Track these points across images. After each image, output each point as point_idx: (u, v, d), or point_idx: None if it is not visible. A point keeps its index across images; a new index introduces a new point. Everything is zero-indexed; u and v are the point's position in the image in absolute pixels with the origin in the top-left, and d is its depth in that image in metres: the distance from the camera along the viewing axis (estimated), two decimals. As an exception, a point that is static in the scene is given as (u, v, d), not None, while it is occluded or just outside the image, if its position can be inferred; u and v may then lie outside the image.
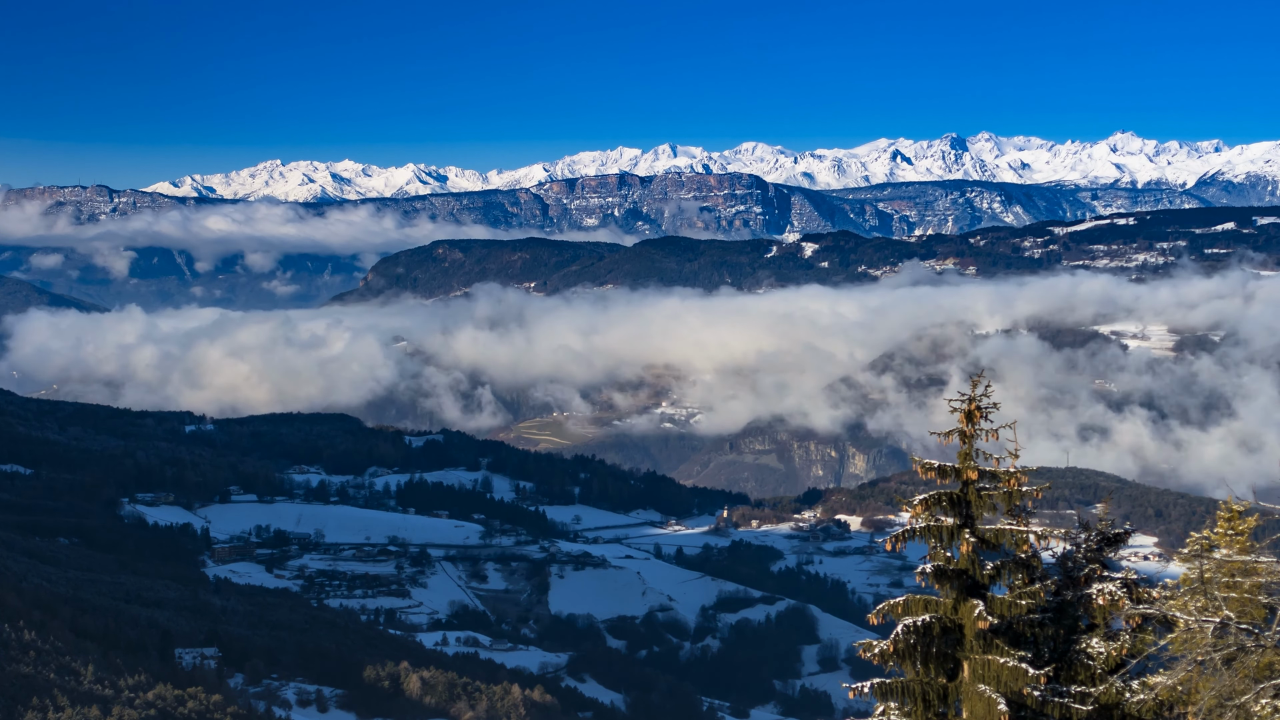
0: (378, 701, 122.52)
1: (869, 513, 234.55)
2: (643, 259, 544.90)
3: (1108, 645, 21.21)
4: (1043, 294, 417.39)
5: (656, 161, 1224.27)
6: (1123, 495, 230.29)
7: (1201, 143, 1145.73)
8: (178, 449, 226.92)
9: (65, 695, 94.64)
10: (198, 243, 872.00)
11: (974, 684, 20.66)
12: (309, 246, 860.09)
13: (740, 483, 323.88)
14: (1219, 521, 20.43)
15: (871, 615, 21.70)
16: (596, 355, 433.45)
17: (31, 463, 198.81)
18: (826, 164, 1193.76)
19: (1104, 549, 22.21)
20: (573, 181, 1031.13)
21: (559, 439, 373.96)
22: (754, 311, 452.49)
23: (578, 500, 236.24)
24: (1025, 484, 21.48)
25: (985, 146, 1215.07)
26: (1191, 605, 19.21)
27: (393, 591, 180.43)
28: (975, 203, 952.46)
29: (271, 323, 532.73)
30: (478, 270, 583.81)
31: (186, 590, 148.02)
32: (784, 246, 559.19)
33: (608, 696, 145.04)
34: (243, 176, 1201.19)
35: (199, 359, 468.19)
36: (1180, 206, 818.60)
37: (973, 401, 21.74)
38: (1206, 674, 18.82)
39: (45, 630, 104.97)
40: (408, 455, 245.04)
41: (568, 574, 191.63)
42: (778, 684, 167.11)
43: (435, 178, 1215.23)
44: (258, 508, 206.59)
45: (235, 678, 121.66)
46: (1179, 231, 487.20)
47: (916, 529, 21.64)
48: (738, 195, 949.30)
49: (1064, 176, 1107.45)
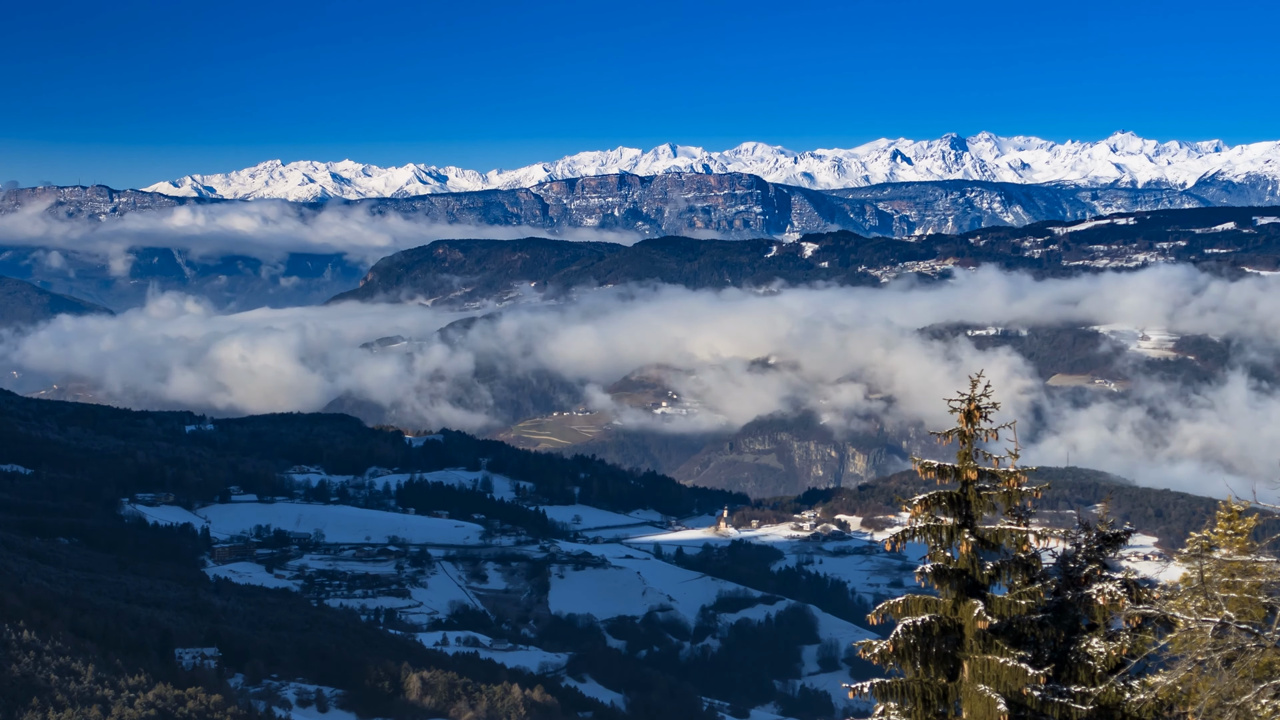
0: (378, 701, 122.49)
1: (869, 513, 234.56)
2: (643, 259, 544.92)
3: (1108, 645, 21.20)
4: (1042, 294, 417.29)
5: (656, 161, 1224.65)
6: (1123, 495, 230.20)
7: (1201, 143, 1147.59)
8: (178, 449, 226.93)
9: (65, 695, 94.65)
10: (198, 243, 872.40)
11: (974, 684, 20.65)
12: (309, 247, 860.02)
13: (740, 483, 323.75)
14: (1219, 521, 20.44)
15: (871, 615, 21.70)
16: (597, 355, 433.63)
17: (31, 463, 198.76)
18: (826, 164, 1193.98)
19: (1104, 549, 22.20)
20: (573, 181, 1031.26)
21: (559, 439, 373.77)
22: (754, 311, 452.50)
23: (578, 500, 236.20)
24: (1025, 484, 21.48)
25: (985, 146, 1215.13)
26: (1191, 605, 19.21)
27: (393, 591, 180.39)
28: (975, 203, 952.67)
29: (272, 322, 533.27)
30: (477, 270, 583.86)
31: (186, 590, 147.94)
32: (784, 246, 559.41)
33: (608, 696, 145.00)
34: (243, 176, 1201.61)
35: (203, 359, 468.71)
36: (1180, 206, 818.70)
37: (972, 401, 21.74)
38: (1206, 674, 18.81)
39: (45, 630, 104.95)
40: (408, 455, 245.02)
41: (568, 574, 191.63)
42: (778, 684, 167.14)
43: (435, 178, 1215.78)
44: (258, 508, 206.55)
45: (235, 678, 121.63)
46: (1179, 231, 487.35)
47: (916, 529, 21.65)
48: (738, 195, 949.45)
49: (1064, 176, 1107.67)
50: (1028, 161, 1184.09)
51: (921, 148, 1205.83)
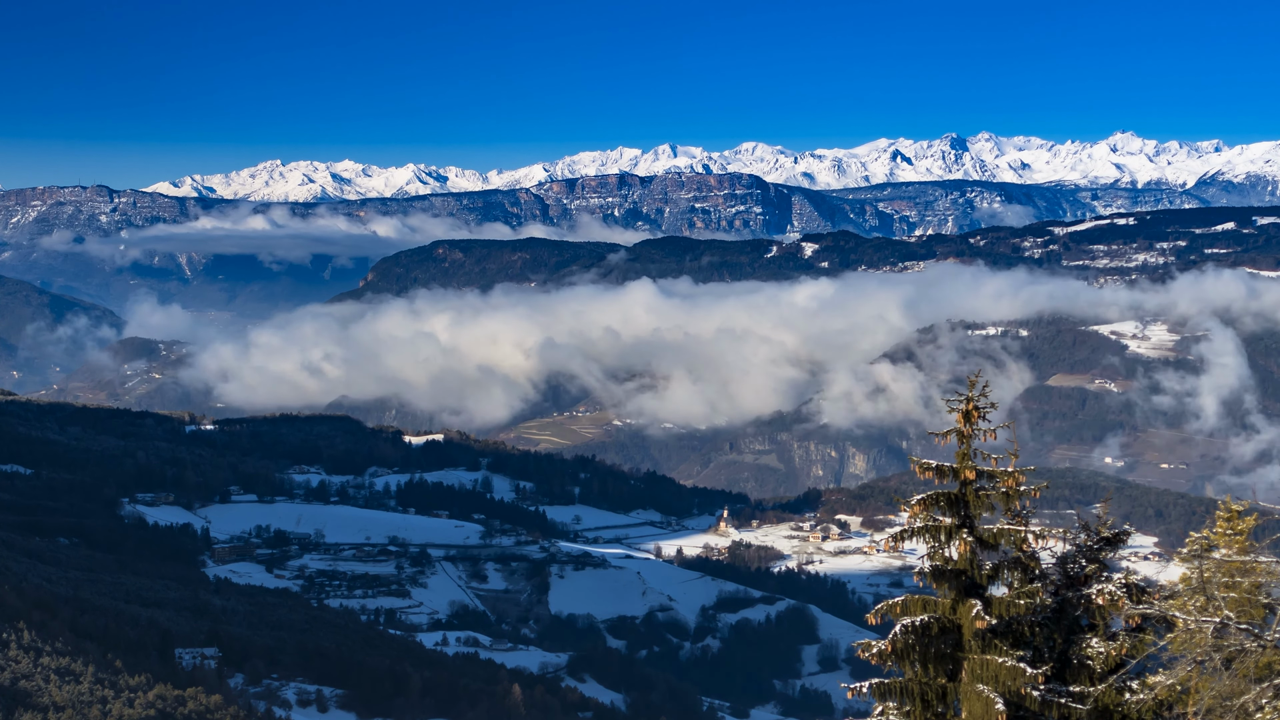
0: (378, 701, 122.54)
1: (869, 513, 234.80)
2: (643, 259, 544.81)
3: (1107, 645, 21.17)
4: (1042, 294, 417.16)
5: (656, 161, 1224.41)
6: (1123, 495, 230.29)
7: (1201, 143, 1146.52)
8: (178, 449, 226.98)
9: (65, 695, 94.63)
10: (198, 243, 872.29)
11: (972, 684, 20.63)
12: (309, 246, 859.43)
13: (740, 483, 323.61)
14: (1218, 521, 20.40)
15: (870, 615, 21.69)
16: (596, 355, 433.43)
17: (31, 463, 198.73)
18: (826, 164, 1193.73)
19: (1104, 549, 22.17)
20: (573, 181, 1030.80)
21: (559, 439, 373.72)
22: (754, 312, 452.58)
23: (578, 500, 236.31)
24: (1023, 483, 21.47)
25: (985, 146, 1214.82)
26: (1191, 605, 19.18)
27: (393, 591, 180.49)
28: (975, 203, 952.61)
29: (274, 321, 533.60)
30: (478, 270, 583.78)
31: (186, 590, 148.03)
32: (784, 246, 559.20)
33: (608, 696, 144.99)
34: (243, 177, 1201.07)
35: (211, 358, 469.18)
36: (1180, 206, 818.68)
37: (970, 401, 21.73)
38: (1206, 674, 18.80)
39: (45, 630, 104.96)
40: (407, 455, 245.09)
41: (568, 574, 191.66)
42: (778, 684, 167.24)
43: (435, 178, 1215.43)
44: (258, 508, 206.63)
45: (235, 678, 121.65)
46: (1179, 231, 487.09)
47: (915, 529, 21.63)
48: (738, 195, 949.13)
49: (1064, 176, 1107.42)
50: (1028, 161, 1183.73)
51: (921, 148, 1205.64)
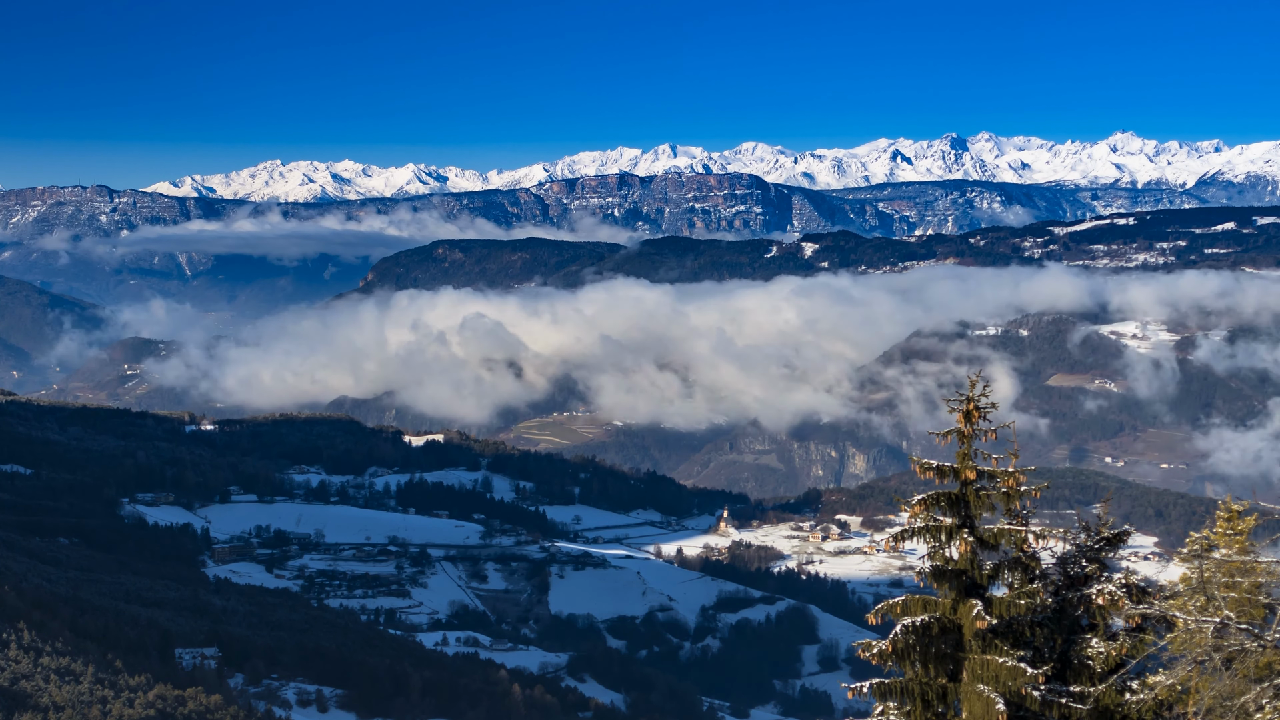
0: (378, 701, 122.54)
1: (869, 513, 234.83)
2: (643, 259, 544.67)
3: (1107, 645, 21.17)
4: (1042, 294, 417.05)
5: (656, 161, 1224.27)
6: (1123, 495, 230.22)
7: (1201, 143, 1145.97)
8: (178, 449, 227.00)
9: (65, 695, 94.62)
10: (198, 243, 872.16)
11: (973, 684, 20.63)
12: (309, 246, 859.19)
13: (740, 483, 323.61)
14: (1218, 521, 20.40)
15: (870, 615, 21.69)
16: (596, 355, 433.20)
17: (31, 463, 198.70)
18: (826, 164, 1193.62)
19: (1104, 549, 22.17)
20: (573, 181, 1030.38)
21: (559, 439, 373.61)
22: (754, 312, 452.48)
23: (578, 500, 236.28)
24: (1023, 484, 21.47)
25: (985, 146, 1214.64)
26: (1191, 605, 19.19)
27: (393, 591, 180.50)
28: (975, 203, 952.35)
29: (274, 321, 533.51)
30: (478, 270, 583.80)
31: (186, 590, 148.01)
32: (784, 246, 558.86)
33: (608, 696, 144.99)
34: (243, 176, 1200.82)
35: (211, 359, 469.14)
36: (1180, 206, 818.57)
37: (970, 401, 21.72)
38: (1206, 674, 18.80)
39: (45, 630, 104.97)
40: (407, 455, 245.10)
41: (568, 574, 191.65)
42: (778, 684, 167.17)
43: (435, 178, 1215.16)
44: (258, 508, 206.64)
45: (235, 678, 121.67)
46: (1179, 231, 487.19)
47: (915, 529, 21.63)
48: (738, 195, 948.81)
49: (1064, 176, 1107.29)
50: (1028, 161, 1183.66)
51: (921, 148, 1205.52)
